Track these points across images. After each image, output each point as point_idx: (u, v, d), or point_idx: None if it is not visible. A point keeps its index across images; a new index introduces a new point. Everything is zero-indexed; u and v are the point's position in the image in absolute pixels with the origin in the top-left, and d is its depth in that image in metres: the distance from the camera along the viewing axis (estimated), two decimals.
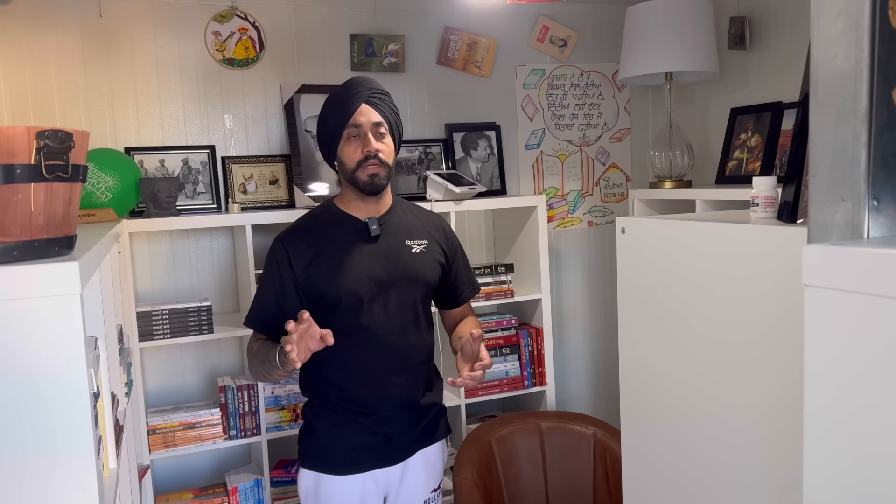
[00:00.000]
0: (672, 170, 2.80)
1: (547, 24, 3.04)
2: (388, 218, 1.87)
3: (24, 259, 0.92)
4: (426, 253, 1.89)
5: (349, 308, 1.78)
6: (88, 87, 2.44)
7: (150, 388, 2.52)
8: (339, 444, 1.81)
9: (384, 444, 1.83)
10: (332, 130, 1.81)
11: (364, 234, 1.83)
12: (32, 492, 0.91)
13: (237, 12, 2.59)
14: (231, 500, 2.38)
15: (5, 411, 0.89)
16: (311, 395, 1.87)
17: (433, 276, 1.90)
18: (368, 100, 1.80)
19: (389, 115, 1.83)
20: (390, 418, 1.83)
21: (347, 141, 1.80)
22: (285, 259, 1.80)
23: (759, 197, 1.39)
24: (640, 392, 1.64)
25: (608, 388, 3.25)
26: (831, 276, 0.77)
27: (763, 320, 1.28)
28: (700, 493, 1.47)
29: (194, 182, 2.55)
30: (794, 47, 2.62)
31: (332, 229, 1.83)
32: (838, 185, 0.84)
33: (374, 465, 1.82)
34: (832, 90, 0.85)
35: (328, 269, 1.78)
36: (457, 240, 2.02)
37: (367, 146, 1.78)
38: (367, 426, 1.82)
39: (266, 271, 1.84)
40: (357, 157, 1.79)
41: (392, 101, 1.86)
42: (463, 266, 2.02)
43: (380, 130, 1.81)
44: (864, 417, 0.74)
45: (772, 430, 1.28)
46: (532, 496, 2.53)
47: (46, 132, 0.92)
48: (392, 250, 1.84)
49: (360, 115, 1.79)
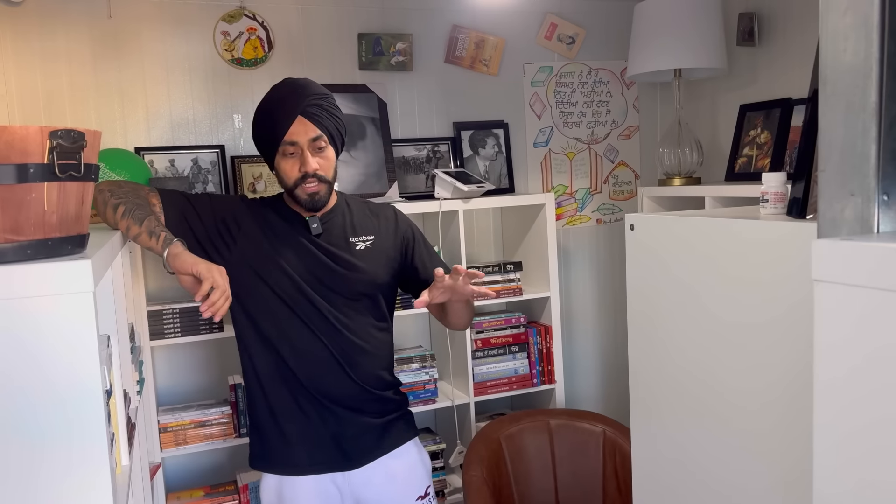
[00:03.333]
0: (681, 167, 2.80)
1: (555, 22, 3.04)
2: (331, 217, 1.80)
3: (37, 257, 0.93)
4: (372, 249, 1.82)
5: (283, 302, 1.73)
6: (99, 87, 2.46)
7: (161, 387, 2.54)
8: (285, 444, 1.78)
9: (336, 448, 1.77)
10: (267, 143, 1.72)
11: (307, 231, 1.77)
12: (47, 487, 0.92)
13: (246, 12, 2.61)
14: (241, 498, 2.40)
15: (20, 408, 0.90)
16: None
17: (381, 275, 1.82)
18: (304, 111, 1.68)
19: (328, 123, 1.71)
20: (337, 421, 1.77)
21: (284, 157, 1.70)
22: (233, 210, 1.76)
23: (769, 193, 1.38)
24: (650, 389, 1.64)
25: (617, 386, 3.25)
26: (841, 271, 0.77)
27: (773, 316, 1.28)
28: (710, 489, 1.47)
29: (204, 181, 2.57)
30: (803, 43, 2.61)
31: (279, 222, 1.78)
32: (848, 179, 0.84)
33: (329, 468, 1.77)
34: (841, 85, 0.85)
35: (265, 255, 1.73)
36: (412, 229, 1.91)
37: (304, 165, 1.69)
38: (312, 427, 1.76)
39: (215, 195, 1.80)
40: (294, 176, 1.70)
41: (331, 103, 1.74)
42: (425, 252, 1.91)
43: (318, 145, 1.70)
44: (874, 412, 0.74)
45: (781, 428, 1.28)
46: (541, 494, 2.53)
47: (59, 132, 0.93)
48: (334, 249, 1.77)
49: (295, 132, 1.68)
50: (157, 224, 1.59)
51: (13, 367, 0.89)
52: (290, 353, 1.75)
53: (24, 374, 0.90)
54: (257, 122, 1.75)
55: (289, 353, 1.75)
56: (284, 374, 1.76)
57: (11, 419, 0.90)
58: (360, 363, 1.78)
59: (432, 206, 2.57)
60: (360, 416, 1.79)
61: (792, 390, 1.25)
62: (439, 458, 2.69)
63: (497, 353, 2.75)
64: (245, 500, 2.40)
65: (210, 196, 1.79)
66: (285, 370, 1.76)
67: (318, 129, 1.70)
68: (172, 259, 1.52)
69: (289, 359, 1.75)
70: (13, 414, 0.90)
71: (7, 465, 0.90)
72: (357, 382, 1.78)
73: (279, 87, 1.74)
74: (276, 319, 1.74)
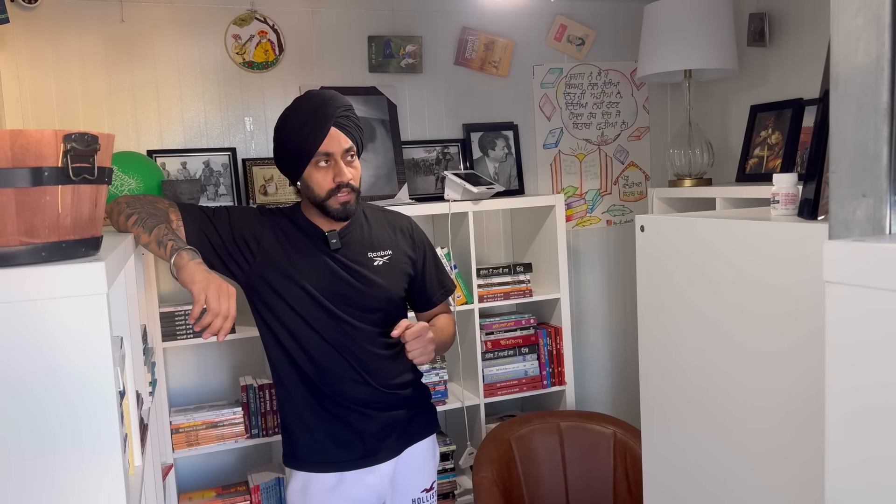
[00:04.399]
0: (692, 168, 2.79)
1: (564, 23, 3.04)
2: (350, 230, 1.81)
3: (52, 259, 0.94)
4: (390, 264, 1.84)
5: (299, 316, 1.75)
6: (111, 90, 2.48)
7: (174, 388, 2.56)
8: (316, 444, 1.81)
9: (361, 445, 1.80)
10: (297, 155, 1.71)
11: (325, 246, 1.78)
12: (61, 487, 0.92)
13: (256, 15, 2.62)
14: (253, 499, 2.41)
15: (34, 409, 0.91)
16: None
17: (397, 290, 1.85)
18: (336, 122, 1.70)
19: (356, 133, 1.75)
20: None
21: (316, 167, 1.71)
22: (252, 224, 1.76)
23: (780, 194, 1.38)
24: (661, 391, 1.63)
25: (628, 388, 3.24)
26: (852, 273, 0.76)
27: (784, 318, 1.27)
28: (720, 492, 1.47)
29: (216, 184, 2.58)
30: (814, 43, 2.60)
31: (298, 236, 1.79)
32: (859, 180, 0.84)
33: (355, 465, 1.80)
34: (853, 86, 0.84)
35: (284, 270, 1.75)
36: (426, 242, 1.96)
37: (339, 176, 1.70)
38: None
39: (233, 209, 1.80)
40: (328, 186, 1.71)
41: (355, 114, 1.77)
42: (433, 268, 1.95)
43: (350, 155, 1.73)
44: (886, 413, 0.74)
45: (794, 429, 1.27)
46: (552, 495, 2.53)
47: (73, 135, 0.93)
48: (353, 264, 1.79)
49: (331, 141, 1.69)
50: (167, 232, 1.59)
51: (27, 368, 0.90)
52: (309, 363, 1.77)
53: (38, 375, 0.91)
54: (285, 137, 1.74)
55: (307, 362, 1.77)
56: (305, 380, 1.79)
57: (25, 419, 0.91)
58: (379, 370, 1.81)
59: (442, 208, 2.57)
60: (384, 413, 1.82)
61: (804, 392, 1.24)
62: (449, 459, 2.69)
63: (507, 354, 2.75)
64: (256, 500, 2.41)
65: (229, 210, 1.80)
66: (306, 378, 1.79)
67: (350, 139, 1.72)
68: (177, 270, 1.53)
69: (307, 367, 1.78)
70: (27, 414, 0.91)
71: (21, 465, 0.91)
72: (377, 388, 1.80)
73: (307, 100, 1.74)
74: (293, 331, 1.77)
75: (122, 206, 1.65)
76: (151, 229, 1.59)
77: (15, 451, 0.90)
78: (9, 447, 0.90)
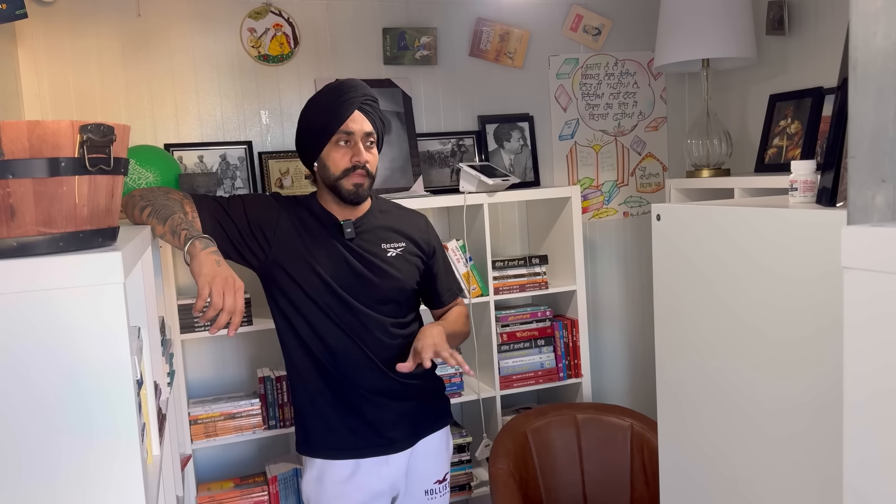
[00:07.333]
0: (709, 158, 2.76)
1: (580, 13, 3.02)
2: (364, 221, 1.84)
3: (69, 249, 0.95)
4: (402, 256, 1.86)
5: (315, 304, 1.76)
6: (129, 84, 2.50)
7: (192, 379, 2.58)
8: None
9: (376, 434, 1.83)
10: (320, 132, 1.75)
11: (340, 235, 1.80)
12: (79, 475, 0.94)
13: (271, 9, 2.63)
14: (271, 489, 2.43)
15: (53, 398, 0.92)
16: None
17: (410, 281, 1.87)
18: (361, 107, 1.75)
19: (378, 124, 1.79)
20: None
21: (335, 146, 1.75)
22: (268, 212, 1.77)
23: (798, 181, 1.36)
24: (677, 383, 1.62)
25: (645, 381, 3.22)
26: (871, 258, 0.75)
27: (803, 307, 1.26)
28: (738, 483, 1.46)
29: (232, 177, 2.60)
30: (834, 31, 2.56)
31: (314, 224, 1.81)
32: (878, 166, 0.83)
33: (370, 452, 1.82)
34: (872, 70, 0.83)
35: (300, 258, 1.76)
36: (437, 242, 1.99)
37: (356, 155, 1.74)
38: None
39: (248, 197, 1.81)
40: (344, 165, 1.74)
41: (381, 110, 1.82)
42: (443, 270, 1.98)
43: (370, 140, 1.77)
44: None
45: (812, 419, 1.26)
46: (568, 487, 2.53)
47: (89, 126, 0.94)
48: (367, 254, 1.81)
49: (353, 122, 1.74)
50: (181, 221, 1.60)
51: (46, 356, 0.91)
52: (324, 351, 1.79)
53: (55, 364, 0.92)
54: (309, 113, 1.78)
55: (322, 351, 1.79)
56: (320, 369, 1.81)
57: (43, 408, 0.92)
58: (393, 360, 1.82)
59: (457, 200, 2.57)
60: (397, 402, 1.84)
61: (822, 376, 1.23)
62: (465, 451, 2.69)
63: (523, 346, 2.74)
64: (274, 491, 2.43)
65: (243, 198, 1.81)
66: (320, 365, 1.80)
67: (372, 126, 1.77)
68: (189, 259, 1.53)
69: (323, 356, 1.79)
70: (45, 402, 0.92)
71: (40, 453, 0.92)
72: (392, 377, 1.82)
73: (337, 84, 1.79)
74: (309, 320, 1.78)
75: (137, 199, 1.66)
76: (165, 219, 1.59)
77: (34, 438, 0.92)
78: (28, 435, 0.91)
